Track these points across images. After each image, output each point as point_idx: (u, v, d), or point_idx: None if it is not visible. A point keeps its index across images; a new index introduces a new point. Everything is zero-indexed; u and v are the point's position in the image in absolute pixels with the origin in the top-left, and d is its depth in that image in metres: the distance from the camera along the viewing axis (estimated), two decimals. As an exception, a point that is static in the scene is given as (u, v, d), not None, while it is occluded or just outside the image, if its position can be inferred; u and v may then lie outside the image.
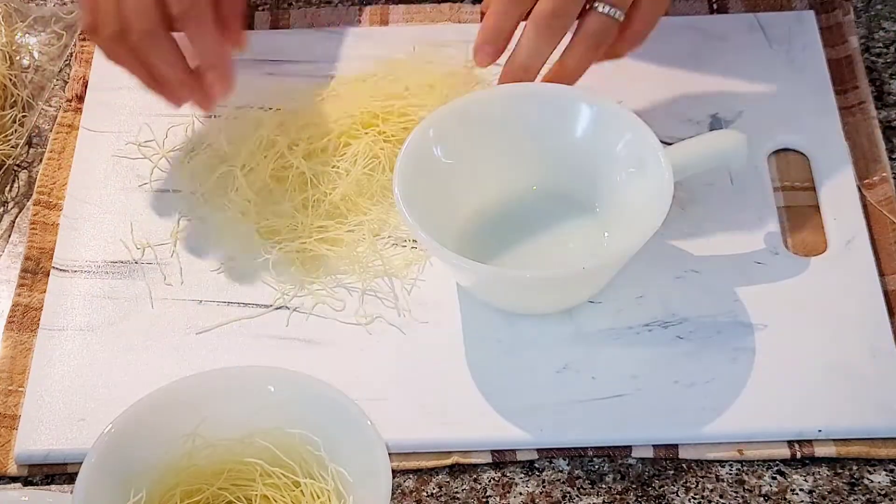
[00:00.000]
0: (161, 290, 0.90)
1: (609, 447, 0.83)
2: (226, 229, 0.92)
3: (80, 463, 0.73)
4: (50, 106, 1.02)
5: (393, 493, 0.81)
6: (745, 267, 0.90)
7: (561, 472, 0.83)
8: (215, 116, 0.97)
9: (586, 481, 0.82)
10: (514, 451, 0.83)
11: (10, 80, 1.01)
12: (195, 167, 0.95)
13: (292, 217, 0.91)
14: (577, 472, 0.83)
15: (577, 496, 0.81)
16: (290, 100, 0.98)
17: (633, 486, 0.82)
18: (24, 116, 1.00)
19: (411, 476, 0.83)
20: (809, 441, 0.83)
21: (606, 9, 0.87)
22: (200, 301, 0.89)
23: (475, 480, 0.82)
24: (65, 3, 1.08)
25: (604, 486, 0.82)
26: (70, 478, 0.82)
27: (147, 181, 0.95)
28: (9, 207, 0.96)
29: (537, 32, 0.87)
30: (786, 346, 0.86)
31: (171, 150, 0.97)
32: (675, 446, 0.83)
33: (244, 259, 0.91)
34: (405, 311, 0.88)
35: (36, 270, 0.91)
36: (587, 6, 0.88)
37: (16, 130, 0.99)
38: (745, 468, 0.83)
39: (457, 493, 0.82)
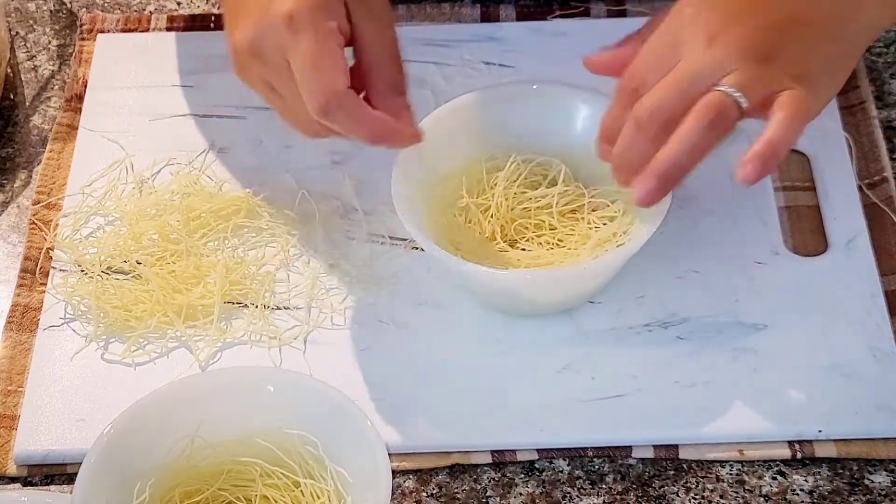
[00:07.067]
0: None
1: (609, 447, 0.83)
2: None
3: (80, 463, 0.73)
4: (50, 106, 1.02)
5: (393, 493, 0.81)
6: (745, 267, 0.90)
7: (561, 472, 0.83)
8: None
9: (586, 481, 0.82)
10: (514, 451, 0.83)
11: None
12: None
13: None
14: (577, 472, 0.83)
15: (577, 496, 0.81)
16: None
17: (634, 486, 0.82)
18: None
19: (411, 476, 0.82)
20: (810, 441, 0.83)
21: (727, 88, 0.77)
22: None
23: (475, 480, 0.82)
24: (64, 3, 1.08)
25: (604, 486, 0.82)
26: (69, 478, 0.82)
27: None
28: (8, 207, 0.96)
29: (638, 129, 0.79)
30: (786, 346, 0.86)
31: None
32: (676, 446, 0.83)
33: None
34: (404, 311, 0.88)
35: (35, 270, 0.91)
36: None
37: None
38: (745, 468, 0.82)
39: (457, 493, 0.82)
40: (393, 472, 0.74)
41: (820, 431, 0.83)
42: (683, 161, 0.78)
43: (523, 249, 0.88)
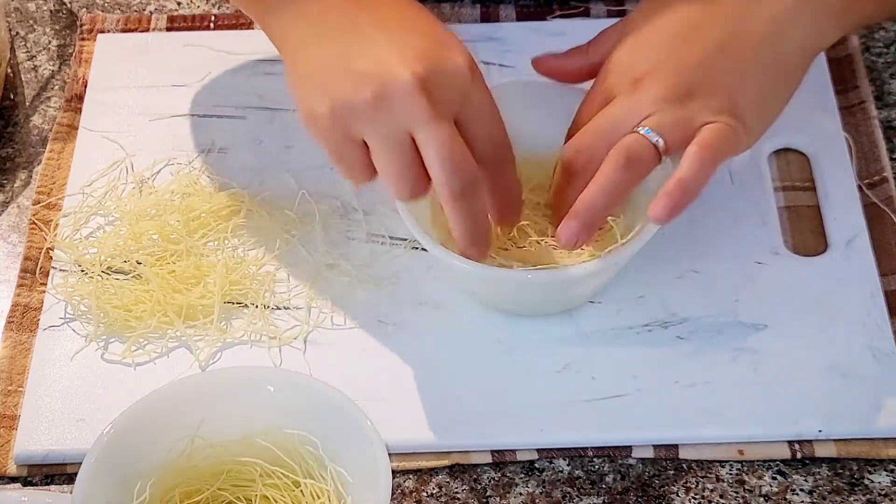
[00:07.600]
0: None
1: (609, 447, 0.83)
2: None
3: (80, 463, 0.73)
4: (50, 106, 1.02)
5: (393, 493, 0.81)
6: (745, 267, 0.90)
7: (561, 472, 0.83)
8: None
9: (586, 481, 0.82)
10: (514, 451, 0.83)
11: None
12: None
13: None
14: (577, 472, 0.83)
15: (577, 496, 0.81)
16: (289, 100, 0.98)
17: (634, 486, 0.82)
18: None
19: (411, 476, 0.82)
20: (810, 441, 0.83)
21: (642, 130, 0.80)
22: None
23: (475, 480, 0.82)
24: (64, 3, 1.08)
25: (604, 486, 0.82)
26: (69, 478, 0.82)
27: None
28: (8, 207, 0.96)
29: (562, 171, 0.84)
30: (786, 347, 0.86)
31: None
32: (676, 446, 0.83)
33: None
34: (404, 311, 0.88)
35: (35, 270, 0.91)
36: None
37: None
38: (745, 468, 0.82)
39: (457, 493, 0.82)
40: (393, 472, 0.74)
41: (820, 431, 0.83)
42: (601, 202, 0.80)
43: (524, 248, 0.88)
